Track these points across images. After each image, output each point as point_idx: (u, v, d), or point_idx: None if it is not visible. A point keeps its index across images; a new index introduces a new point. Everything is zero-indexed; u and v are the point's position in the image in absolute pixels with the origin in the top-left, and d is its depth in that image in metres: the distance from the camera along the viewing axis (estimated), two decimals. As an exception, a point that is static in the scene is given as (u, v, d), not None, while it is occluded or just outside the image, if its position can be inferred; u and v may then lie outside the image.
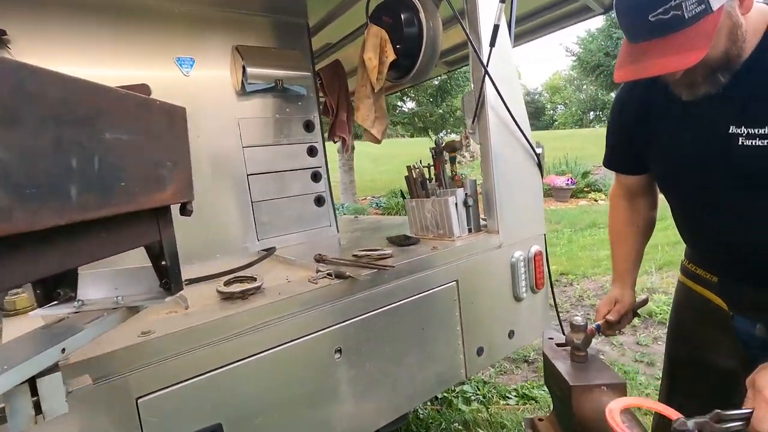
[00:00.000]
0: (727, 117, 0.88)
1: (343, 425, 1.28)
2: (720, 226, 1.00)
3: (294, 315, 1.19)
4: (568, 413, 1.02)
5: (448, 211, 1.71)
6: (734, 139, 0.87)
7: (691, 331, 1.19)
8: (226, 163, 1.89)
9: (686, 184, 1.04)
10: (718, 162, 0.92)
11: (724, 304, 1.07)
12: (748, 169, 0.88)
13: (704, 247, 1.12)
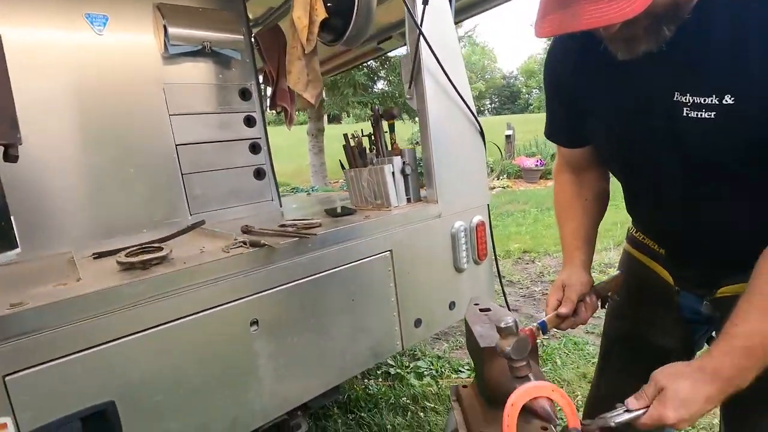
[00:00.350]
0: (671, 82, 0.72)
1: (263, 401, 1.23)
2: (665, 211, 0.90)
3: (201, 285, 1.11)
4: (481, 378, 0.99)
5: (385, 179, 1.65)
6: (678, 109, 0.72)
7: (631, 306, 1.10)
8: (150, 132, 1.76)
9: (627, 161, 0.91)
10: (661, 136, 0.78)
11: (670, 278, 0.99)
12: (694, 147, 0.74)
13: (649, 228, 1.03)
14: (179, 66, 1.84)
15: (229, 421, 1.16)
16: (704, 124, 0.69)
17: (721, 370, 0.69)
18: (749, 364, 0.67)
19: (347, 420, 2.08)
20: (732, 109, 0.65)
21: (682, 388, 0.70)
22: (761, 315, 0.66)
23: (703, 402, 0.69)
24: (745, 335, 0.67)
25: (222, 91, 1.96)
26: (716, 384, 0.69)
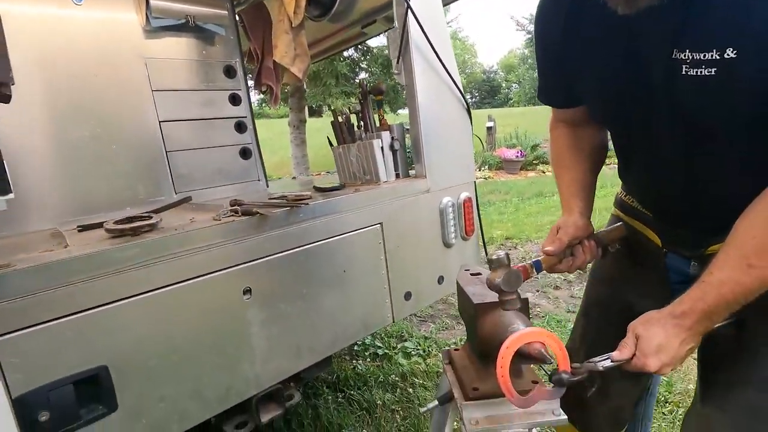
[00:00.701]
0: (670, 38, 0.68)
1: (256, 370, 1.23)
2: (659, 173, 0.88)
3: (193, 252, 1.10)
4: (474, 335, 1.01)
5: (374, 155, 1.66)
6: (677, 67, 0.68)
7: (617, 268, 1.09)
8: (132, 108, 1.72)
9: (621, 122, 0.88)
10: (658, 97, 0.74)
11: (658, 240, 0.99)
12: (692, 107, 0.71)
13: (641, 191, 1.01)
14: (162, 40, 1.81)
15: (223, 389, 1.16)
16: (704, 82, 0.66)
17: (690, 314, 0.72)
18: (718, 309, 0.71)
19: (337, 398, 2.10)
20: (734, 63, 0.62)
21: (655, 335, 0.74)
22: (735, 265, 0.68)
23: (678, 346, 0.73)
24: (718, 283, 0.70)
25: (206, 67, 1.93)
26: (686, 327, 0.72)
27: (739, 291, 0.68)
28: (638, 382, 1.12)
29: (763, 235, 0.66)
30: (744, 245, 0.68)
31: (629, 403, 1.14)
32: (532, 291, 3.36)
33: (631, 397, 1.14)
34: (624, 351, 0.77)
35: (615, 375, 1.08)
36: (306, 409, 1.97)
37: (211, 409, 1.15)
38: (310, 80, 9.51)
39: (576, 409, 1.15)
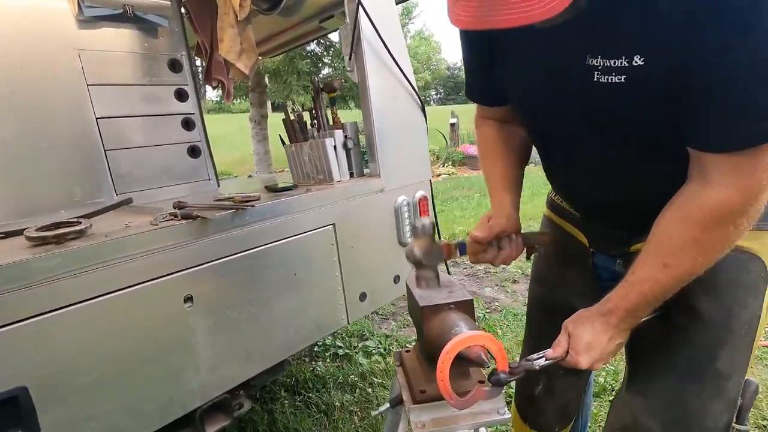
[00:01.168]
0: (584, 44, 0.68)
1: (201, 380, 1.17)
2: (579, 176, 0.90)
3: (126, 260, 1.03)
4: (421, 337, 1.01)
5: (326, 154, 1.62)
6: (590, 73, 0.68)
7: (550, 269, 1.13)
8: (65, 103, 1.60)
9: (541, 125, 0.88)
10: (574, 102, 0.75)
11: (585, 240, 1.02)
12: (604, 112, 0.72)
13: (565, 192, 1.04)
14: (98, 31, 1.69)
15: (164, 402, 1.10)
16: (615, 89, 0.66)
17: (615, 311, 0.75)
18: (640, 306, 0.74)
19: (295, 401, 2.06)
20: (641, 70, 0.63)
21: (584, 333, 0.77)
22: (652, 264, 0.71)
23: (606, 342, 0.76)
24: (639, 281, 0.73)
25: (149, 61, 1.82)
26: (612, 324, 0.76)
27: (658, 289, 0.72)
28: (581, 376, 1.16)
29: (677, 236, 0.69)
30: (660, 246, 0.71)
31: (576, 397, 1.18)
32: (491, 285, 3.44)
33: (577, 391, 1.18)
34: (557, 349, 0.80)
35: (559, 372, 1.12)
36: (262, 415, 1.92)
37: (151, 424, 1.09)
38: (272, 76, 9.28)
39: (527, 409, 1.19)
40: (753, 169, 0.61)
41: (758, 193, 0.63)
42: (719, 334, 0.80)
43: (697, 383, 0.81)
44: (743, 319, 0.79)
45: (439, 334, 0.92)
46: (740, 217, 0.65)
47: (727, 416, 0.81)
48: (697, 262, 0.69)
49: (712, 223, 0.66)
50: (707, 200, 0.65)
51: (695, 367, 0.81)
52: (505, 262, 0.95)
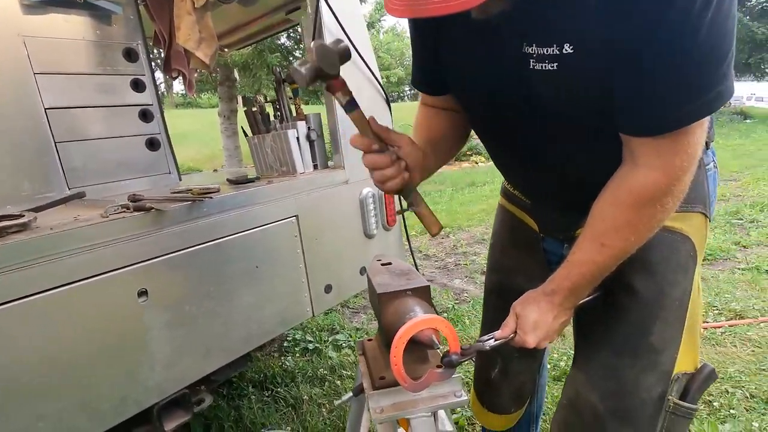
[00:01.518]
0: (519, 32, 0.69)
1: (157, 376, 1.15)
2: (521, 163, 0.92)
3: (73, 253, 1.00)
4: (379, 324, 1.02)
5: (289, 145, 1.61)
6: (526, 61, 0.69)
7: (504, 255, 1.15)
8: (10, 91, 1.52)
9: (482, 114, 0.89)
10: (512, 90, 0.76)
11: (535, 225, 1.05)
12: (540, 99, 0.73)
13: (510, 179, 1.06)
14: (45, 17, 1.61)
15: (117, 400, 1.07)
16: (548, 76, 0.68)
17: (558, 291, 0.79)
18: (580, 285, 0.78)
19: (263, 397, 2.04)
20: (571, 58, 0.64)
21: (531, 313, 0.81)
22: (590, 246, 0.75)
23: (551, 321, 0.80)
24: (579, 262, 0.77)
25: (102, 49, 1.75)
26: (556, 304, 0.80)
27: (596, 268, 0.76)
28: (535, 358, 1.19)
29: (611, 218, 0.72)
30: (596, 228, 0.74)
31: (530, 379, 1.22)
32: (460, 277, 3.49)
33: (531, 373, 1.21)
34: (505, 330, 0.83)
35: (514, 355, 1.14)
36: (228, 411, 1.89)
37: (105, 422, 1.06)
38: (241, 70, 9.07)
39: (485, 392, 1.22)
40: (674, 151, 0.65)
41: (680, 174, 0.66)
42: (652, 311, 0.84)
43: (632, 357, 0.84)
44: (674, 296, 0.84)
45: (396, 321, 0.93)
46: (666, 197, 0.68)
47: (660, 388, 0.84)
48: (630, 242, 0.72)
49: (641, 204, 0.69)
50: (636, 183, 0.69)
51: (630, 342, 0.85)
52: (391, 188, 0.83)
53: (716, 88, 0.60)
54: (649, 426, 0.84)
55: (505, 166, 1.01)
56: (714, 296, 2.67)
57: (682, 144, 0.64)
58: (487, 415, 1.23)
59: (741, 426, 1.60)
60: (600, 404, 0.86)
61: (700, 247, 0.86)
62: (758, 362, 1.99)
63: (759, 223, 4.03)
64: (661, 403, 0.84)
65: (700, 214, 0.86)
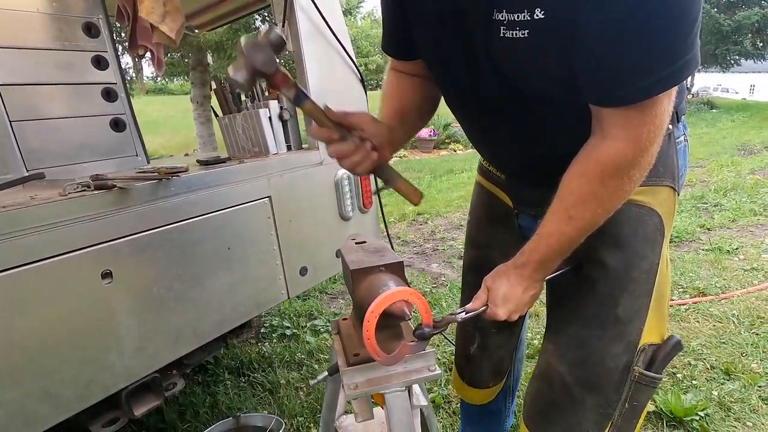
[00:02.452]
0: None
1: (124, 360, 1.11)
2: (491, 135, 0.91)
3: (27, 233, 0.94)
4: (353, 301, 1.01)
5: (261, 125, 1.57)
6: (495, 28, 0.68)
7: (480, 231, 1.16)
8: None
9: (451, 84, 0.87)
10: (483, 58, 0.74)
11: (510, 201, 1.05)
12: (510, 68, 0.72)
13: (479, 147, 1.03)
14: (-7, -14, 1.50)
15: (82, 385, 1.04)
16: (519, 44, 0.66)
17: (528, 263, 0.79)
18: (549, 257, 0.78)
19: (239, 382, 2.02)
20: (542, 24, 0.63)
21: (501, 286, 0.81)
22: (558, 218, 0.75)
23: (521, 293, 0.80)
24: (547, 234, 0.76)
25: (59, 23, 1.65)
26: (526, 276, 0.80)
27: (564, 240, 0.76)
28: (513, 333, 1.21)
29: (578, 190, 0.72)
30: (564, 200, 0.74)
31: (508, 353, 1.24)
32: (438, 262, 3.52)
33: (509, 347, 1.23)
34: (476, 302, 0.83)
35: (492, 330, 1.16)
36: (203, 397, 1.87)
37: (69, 408, 1.02)
38: (215, 51, 8.79)
39: (465, 367, 1.24)
40: (642, 121, 0.64)
41: (647, 145, 0.66)
42: (620, 283, 0.84)
43: (599, 328, 0.86)
44: (642, 269, 0.85)
45: (369, 296, 0.92)
46: (632, 169, 0.68)
47: (626, 358, 0.86)
48: (597, 213, 0.72)
49: (608, 175, 0.69)
50: (603, 154, 0.68)
51: (598, 314, 0.86)
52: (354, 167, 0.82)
53: (684, 57, 0.59)
54: (614, 394, 0.87)
55: (477, 139, 0.99)
56: (680, 276, 2.78)
57: (649, 115, 0.63)
58: (467, 389, 1.25)
59: (702, 395, 1.68)
60: (568, 373, 0.88)
61: (667, 221, 0.87)
62: (719, 336, 2.09)
63: (722, 206, 4.20)
64: (626, 372, 0.86)
65: (668, 187, 0.86)
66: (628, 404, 0.87)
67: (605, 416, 0.87)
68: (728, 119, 12.58)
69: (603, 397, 0.87)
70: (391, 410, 0.92)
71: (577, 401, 0.88)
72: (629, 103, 0.63)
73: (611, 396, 0.87)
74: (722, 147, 7.78)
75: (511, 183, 1.03)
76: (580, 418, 0.88)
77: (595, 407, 0.87)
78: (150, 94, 26.01)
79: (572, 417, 0.88)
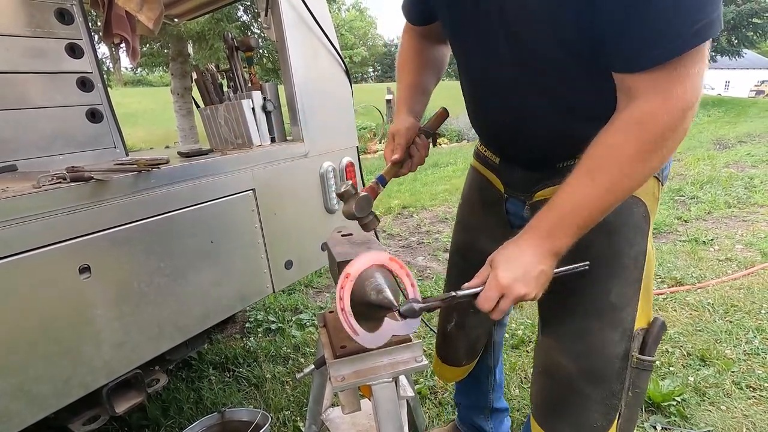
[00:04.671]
0: None
1: (103, 355, 1.08)
2: (492, 104, 0.93)
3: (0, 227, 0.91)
4: (340, 292, 1.00)
5: (244, 116, 1.53)
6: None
7: (472, 215, 1.17)
8: None
9: (465, 46, 0.90)
10: (495, 22, 0.77)
11: (501, 185, 1.05)
12: (520, 34, 0.74)
13: (480, 123, 1.04)
14: (-42, -32, 1.43)
15: (60, 383, 1.01)
16: (528, 8, 0.69)
17: (537, 228, 0.73)
18: (559, 224, 0.71)
19: (224, 377, 1.99)
20: None
21: (507, 251, 0.75)
22: (579, 177, 0.70)
23: (529, 258, 0.72)
24: (561, 198, 0.71)
25: (30, 9, 1.59)
26: (535, 242, 0.73)
27: (581, 204, 0.70)
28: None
29: (606, 147, 0.68)
30: (591, 157, 0.69)
31: (485, 333, 1.25)
32: (423, 255, 3.53)
33: (487, 328, 1.24)
34: (476, 280, 0.77)
35: (470, 309, 1.15)
36: (187, 393, 1.84)
37: (47, 406, 0.99)
38: (196, 41, 8.59)
39: (442, 346, 1.27)
40: (671, 81, 0.62)
41: (681, 105, 0.63)
42: (612, 270, 0.86)
43: (596, 317, 0.87)
44: (631, 255, 0.86)
45: (356, 288, 0.92)
46: (669, 132, 0.64)
47: (624, 344, 0.87)
48: (621, 181, 0.68)
49: (644, 136, 0.65)
50: (637, 111, 0.65)
51: (594, 303, 0.87)
52: (419, 164, 1.00)
53: (709, 16, 0.58)
54: (617, 383, 0.88)
55: (473, 107, 0.99)
56: (658, 266, 2.85)
57: (680, 75, 0.61)
58: (441, 366, 1.28)
59: (678, 381, 1.73)
60: (571, 365, 0.89)
61: (652, 210, 0.89)
62: (695, 324, 2.15)
63: (698, 199, 4.32)
64: (626, 360, 0.87)
65: (653, 177, 0.87)
66: (631, 392, 0.88)
67: (612, 408, 0.88)
68: (704, 114, 12.91)
69: (608, 389, 0.88)
70: (379, 402, 0.92)
71: (584, 395, 0.88)
72: (657, 62, 0.61)
73: (615, 386, 0.88)
74: (699, 141, 7.98)
75: (504, 166, 1.03)
76: (588, 412, 0.88)
77: (601, 400, 0.88)
78: (128, 86, 25.32)
79: (581, 412, 0.89)
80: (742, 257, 2.89)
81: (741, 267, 2.77)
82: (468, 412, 1.44)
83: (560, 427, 0.92)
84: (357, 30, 25.45)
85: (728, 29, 15.22)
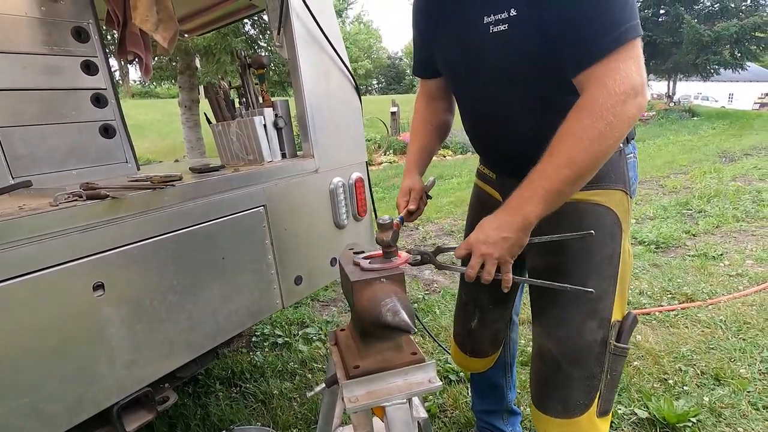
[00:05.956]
0: (481, 6, 0.92)
1: (116, 374, 1.08)
2: (484, 121, 1.09)
3: (16, 245, 0.91)
4: (353, 311, 1.00)
5: (256, 132, 1.55)
6: (486, 28, 0.91)
7: (473, 223, 1.25)
8: (-60, 70, 1.38)
9: (458, 79, 1.10)
10: (477, 54, 0.97)
11: (499, 197, 1.19)
12: (498, 60, 0.94)
13: (476, 142, 1.19)
14: (-20, -11, 1.47)
15: (72, 401, 1.00)
16: (502, 37, 0.89)
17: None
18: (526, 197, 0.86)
19: (230, 393, 1.98)
20: (516, 20, 0.86)
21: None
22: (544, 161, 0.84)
23: (495, 225, 0.88)
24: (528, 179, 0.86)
25: (49, 27, 1.62)
26: (505, 213, 0.88)
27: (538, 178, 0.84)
28: (506, 307, 1.36)
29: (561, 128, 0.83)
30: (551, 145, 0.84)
31: (504, 326, 1.40)
32: (429, 268, 3.52)
33: (504, 320, 1.39)
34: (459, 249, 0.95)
35: (488, 306, 1.32)
36: (194, 409, 1.83)
37: (58, 425, 0.99)
38: (203, 56, 8.72)
39: (466, 341, 1.40)
40: (607, 72, 0.78)
41: (618, 92, 0.77)
42: (587, 266, 1.01)
43: (576, 307, 1.02)
44: (604, 254, 1.01)
45: (370, 307, 0.92)
46: (606, 112, 0.77)
47: (602, 332, 1.01)
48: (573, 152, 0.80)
49: (584, 116, 0.79)
50: (581, 101, 0.81)
51: (573, 294, 0.97)
52: (419, 216, 1.23)
53: (630, 22, 0.77)
54: (596, 366, 1.02)
55: (472, 133, 1.17)
56: (668, 281, 2.82)
57: (612, 68, 0.78)
58: (469, 360, 1.41)
59: (693, 401, 1.70)
60: (556, 349, 1.04)
61: (624, 218, 1.03)
62: (707, 341, 2.12)
63: (706, 212, 4.29)
64: (604, 346, 1.02)
65: (621, 191, 1.03)
66: (609, 375, 1.03)
67: (593, 388, 1.03)
68: (709, 127, 12.91)
69: (588, 370, 1.02)
70: (392, 423, 0.91)
71: (567, 375, 1.03)
72: (597, 58, 0.78)
73: (594, 369, 1.02)
74: (704, 154, 7.96)
75: (500, 181, 1.18)
76: (572, 390, 1.03)
77: (582, 379, 1.02)
78: (136, 98, 25.69)
79: (564, 390, 1.04)
80: (753, 272, 2.86)
81: (752, 282, 2.73)
82: (487, 417, 1.56)
83: (551, 404, 1.06)
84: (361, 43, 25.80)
85: (732, 43, 15.29)
